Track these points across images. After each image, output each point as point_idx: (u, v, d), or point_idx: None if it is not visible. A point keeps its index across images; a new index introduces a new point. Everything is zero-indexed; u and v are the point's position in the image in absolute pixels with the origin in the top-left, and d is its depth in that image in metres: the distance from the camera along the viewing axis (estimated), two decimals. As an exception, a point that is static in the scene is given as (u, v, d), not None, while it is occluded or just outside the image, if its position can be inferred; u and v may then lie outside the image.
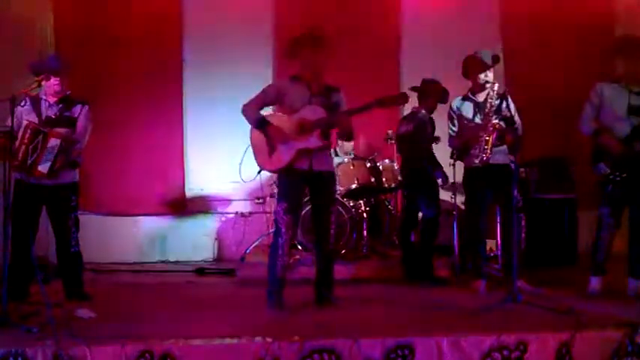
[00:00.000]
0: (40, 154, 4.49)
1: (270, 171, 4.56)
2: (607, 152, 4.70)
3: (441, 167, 5.87)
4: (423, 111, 5.80)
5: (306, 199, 4.93)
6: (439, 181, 5.87)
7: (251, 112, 4.44)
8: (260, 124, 4.40)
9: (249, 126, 4.49)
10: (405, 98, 4.34)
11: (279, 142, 4.35)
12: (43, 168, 4.52)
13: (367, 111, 4.32)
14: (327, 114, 4.31)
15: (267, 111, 4.62)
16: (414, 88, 5.87)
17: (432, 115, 5.84)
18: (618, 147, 4.63)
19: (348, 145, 7.06)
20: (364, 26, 7.51)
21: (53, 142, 4.51)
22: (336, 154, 7.16)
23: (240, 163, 4.65)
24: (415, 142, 5.77)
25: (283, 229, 4.34)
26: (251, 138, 4.51)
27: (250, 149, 4.56)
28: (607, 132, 4.72)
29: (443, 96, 5.75)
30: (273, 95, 4.50)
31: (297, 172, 4.36)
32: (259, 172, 4.53)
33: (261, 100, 4.49)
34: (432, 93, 5.76)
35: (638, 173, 4.64)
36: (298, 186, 4.41)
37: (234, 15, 7.21)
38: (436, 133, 5.89)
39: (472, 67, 5.04)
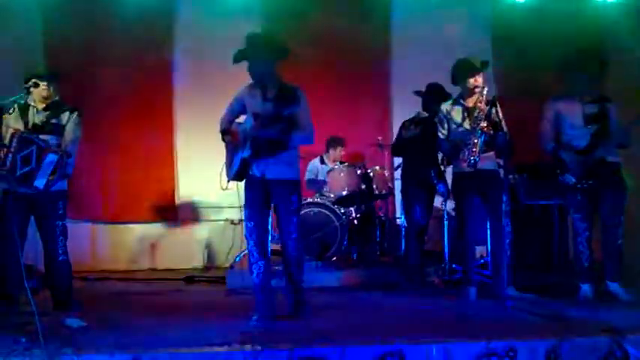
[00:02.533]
0: (37, 169, 4.39)
1: (230, 180, 4.58)
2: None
3: (445, 180, 5.87)
4: (428, 115, 5.80)
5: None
6: (441, 193, 5.89)
7: (220, 124, 4.56)
8: (221, 135, 4.52)
9: None
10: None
11: (232, 152, 4.44)
12: (40, 183, 4.42)
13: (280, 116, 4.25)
14: (254, 122, 4.27)
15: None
16: (417, 93, 5.89)
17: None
18: (577, 161, 4.79)
19: (336, 155, 7.07)
20: (354, 35, 7.55)
21: (50, 157, 4.41)
22: (322, 162, 7.19)
23: (220, 173, 4.69)
24: (423, 146, 5.76)
25: (248, 236, 4.41)
26: (225, 148, 4.60)
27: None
28: (565, 146, 4.89)
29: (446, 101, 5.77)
30: (237, 105, 4.53)
31: (253, 180, 4.40)
32: (228, 182, 4.57)
33: (229, 113, 4.56)
34: (438, 98, 5.74)
35: (602, 180, 4.80)
36: (256, 193, 4.40)
37: (225, 25, 7.21)
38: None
39: (461, 72, 5.06)
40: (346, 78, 7.48)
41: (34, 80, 4.56)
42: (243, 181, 4.49)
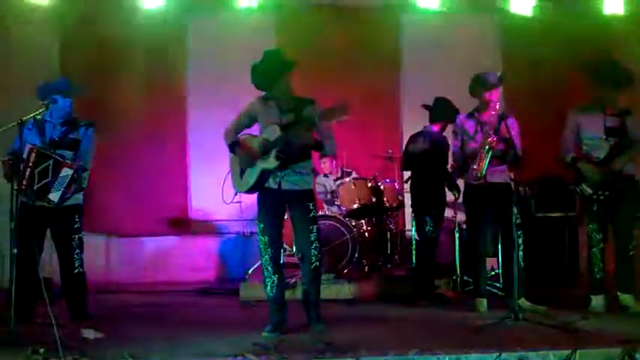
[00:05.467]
0: (52, 182, 4.48)
1: (242, 192, 4.59)
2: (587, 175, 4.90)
3: (457, 185, 5.97)
4: (436, 129, 5.86)
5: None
6: (454, 193, 5.99)
7: (226, 136, 4.54)
8: (231, 147, 4.49)
9: None
10: (344, 109, 4.03)
11: (246, 164, 4.40)
12: (54, 197, 4.49)
13: (311, 126, 4.22)
14: (280, 133, 4.24)
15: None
16: (425, 106, 5.95)
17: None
18: (596, 172, 4.85)
19: (323, 166, 7.11)
20: (365, 46, 7.62)
21: (66, 171, 4.49)
22: (326, 175, 7.24)
23: (222, 186, 4.68)
24: (432, 160, 5.81)
25: (263, 250, 4.40)
26: (230, 161, 4.59)
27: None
28: (584, 158, 4.94)
29: (454, 115, 5.83)
30: (246, 118, 4.54)
31: (269, 192, 4.38)
32: (235, 194, 4.56)
33: (236, 125, 4.56)
34: (445, 112, 5.81)
35: (619, 191, 4.86)
36: (272, 206, 4.39)
37: (237, 39, 7.31)
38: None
39: (477, 86, 5.11)
40: (356, 90, 7.54)
41: (53, 96, 4.65)
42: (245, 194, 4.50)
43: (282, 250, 4.54)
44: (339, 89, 7.46)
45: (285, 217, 4.59)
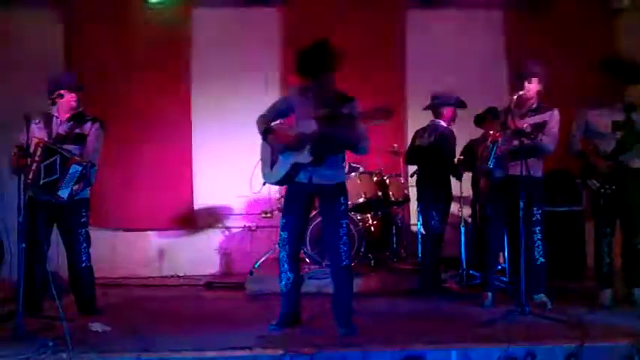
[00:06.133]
0: (61, 179, 4.48)
1: (271, 183, 4.50)
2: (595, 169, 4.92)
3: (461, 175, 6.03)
4: (443, 123, 5.86)
5: (314, 213, 4.88)
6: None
7: (260, 123, 4.34)
8: (264, 134, 4.30)
9: (260, 140, 4.42)
10: (389, 113, 3.90)
11: (280, 154, 4.27)
12: (63, 193, 4.51)
13: (349, 124, 4.04)
14: (316, 127, 4.08)
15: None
16: (427, 107, 5.99)
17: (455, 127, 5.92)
18: (604, 165, 4.86)
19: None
20: (370, 41, 7.60)
21: (75, 167, 4.49)
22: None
23: (252, 176, 4.58)
24: (438, 154, 5.80)
25: (281, 246, 4.33)
26: (261, 150, 4.46)
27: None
28: (592, 152, 4.96)
29: (455, 100, 5.84)
30: (282, 107, 4.41)
31: (298, 186, 4.28)
32: (264, 184, 4.46)
33: (272, 112, 4.40)
34: (444, 99, 5.83)
35: (626, 185, 4.86)
36: (300, 200, 4.29)
37: (242, 33, 7.29)
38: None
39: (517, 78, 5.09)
40: (361, 85, 7.50)
41: (60, 91, 4.66)
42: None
43: (300, 248, 4.44)
44: (342, 83, 7.45)
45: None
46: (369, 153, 4.33)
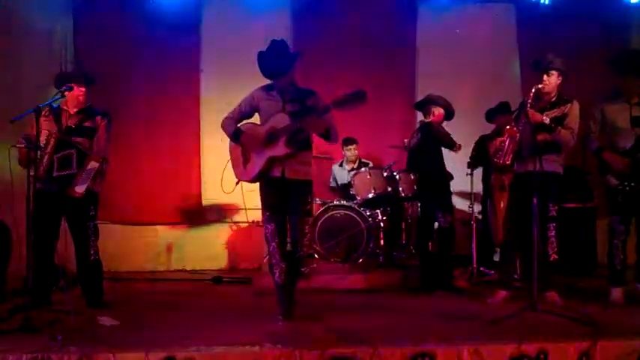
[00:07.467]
0: (79, 175, 4.57)
1: (245, 181, 4.57)
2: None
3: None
4: (429, 122, 5.84)
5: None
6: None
7: (227, 125, 4.53)
8: (234, 136, 4.48)
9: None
10: (362, 97, 4.04)
11: (252, 152, 4.42)
12: (80, 189, 4.59)
13: (324, 113, 4.20)
14: (290, 121, 4.27)
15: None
16: (416, 106, 6.06)
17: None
18: (621, 163, 4.76)
19: (350, 154, 7.12)
20: (380, 36, 7.57)
21: (92, 164, 4.60)
22: (341, 165, 7.26)
23: (222, 177, 4.70)
24: (427, 152, 5.82)
25: (270, 238, 4.44)
26: (229, 151, 4.59)
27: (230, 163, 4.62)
28: (610, 148, 4.86)
29: (439, 100, 5.84)
30: (248, 107, 4.54)
31: (272, 181, 4.40)
32: (237, 184, 4.59)
33: (237, 113, 4.55)
34: (433, 104, 5.83)
35: None
36: (276, 194, 4.42)
37: (252, 30, 7.26)
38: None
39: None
40: (371, 80, 7.46)
41: (70, 84, 4.65)
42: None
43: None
44: (352, 77, 7.42)
45: None
46: (338, 142, 4.59)
